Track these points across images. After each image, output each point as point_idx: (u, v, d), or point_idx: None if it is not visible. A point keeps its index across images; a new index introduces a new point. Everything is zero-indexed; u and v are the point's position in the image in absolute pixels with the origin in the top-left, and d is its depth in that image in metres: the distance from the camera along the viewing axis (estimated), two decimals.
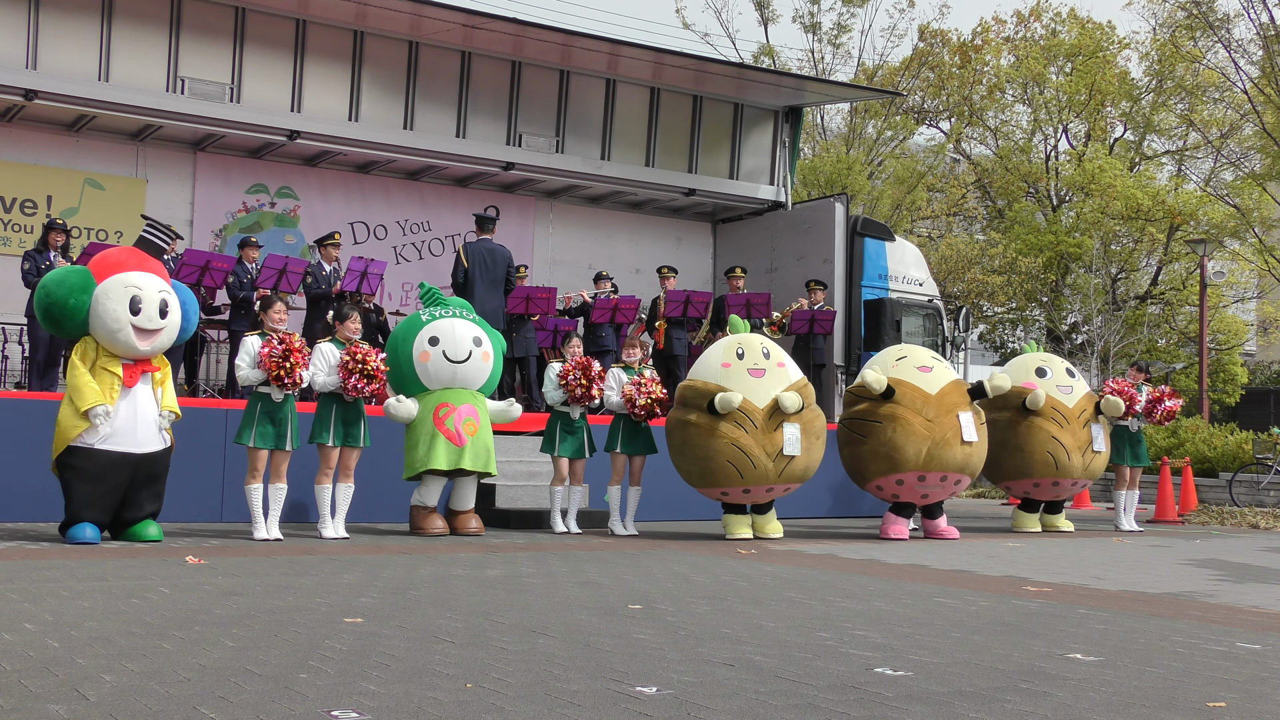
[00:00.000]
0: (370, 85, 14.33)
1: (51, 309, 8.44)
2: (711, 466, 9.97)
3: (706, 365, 10.40)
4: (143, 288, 8.46)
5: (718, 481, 10.05)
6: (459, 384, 9.98)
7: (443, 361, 9.91)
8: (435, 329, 10.02)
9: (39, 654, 4.19)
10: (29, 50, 12.44)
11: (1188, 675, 4.30)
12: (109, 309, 8.34)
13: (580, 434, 10.49)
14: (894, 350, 11.51)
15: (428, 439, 9.75)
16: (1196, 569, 8.54)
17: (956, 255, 29.33)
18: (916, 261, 16.63)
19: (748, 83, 16.80)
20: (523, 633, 4.88)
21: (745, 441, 9.87)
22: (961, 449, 10.60)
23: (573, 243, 16.57)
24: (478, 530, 10.10)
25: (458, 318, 10.17)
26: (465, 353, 9.96)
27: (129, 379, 8.45)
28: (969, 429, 10.66)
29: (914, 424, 10.51)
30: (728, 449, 9.88)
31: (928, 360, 11.05)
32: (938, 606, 6.07)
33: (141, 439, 8.45)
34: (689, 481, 10.43)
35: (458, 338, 9.98)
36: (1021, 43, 31.23)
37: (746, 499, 10.23)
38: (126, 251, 8.88)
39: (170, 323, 8.60)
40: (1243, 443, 18.02)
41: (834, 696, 3.80)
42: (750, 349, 10.29)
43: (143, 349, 8.46)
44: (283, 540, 8.94)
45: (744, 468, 9.88)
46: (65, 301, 8.39)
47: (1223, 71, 27.33)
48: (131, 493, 8.52)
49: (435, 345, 9.93)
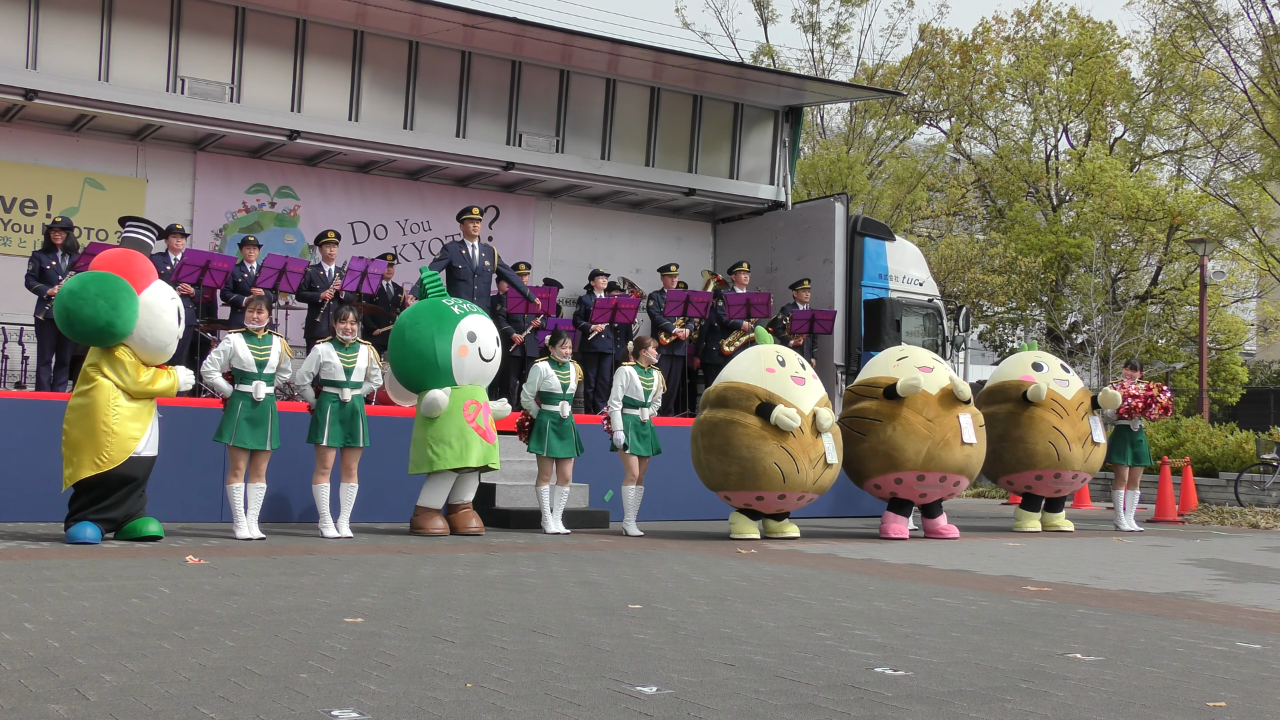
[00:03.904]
0: (370, 85, 14.33)
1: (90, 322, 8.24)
2: (758, 469, 9.92)
3: (746, 369, 10.37)
4: (176, 299, 8.78)
5: (760, 485, 9.99)
6: (479, 381, 10.17)
7: (478, 359, 10.07)
8: (472, 325, 10.14)
9: (39, 654, 4.19)
10: (29, 50, 12.43)
11: (1188, 675, 4.30)
12: (166, 322, 8.53)
13: (570, 433, 10.48)
14: (894, 351, 11.53)
15: (459, 435, 9.79)
16: (1196, 569, 8.54)
17: (956, 255, 29.32)
18: (916, 261, 16.63)
19: (748, 82, 16.80)
20: (523, 633, 4.88)
21: (793, 446, 9.92)
22: (961, 450, 10.61)
23: (573, 243, 16.56)
24: (478, 529, 10.10)
25: (482, 314, 10.42)
26: (493, 352, 10.22)
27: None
28: (968, 430, 10.68)
29: (915, 424, 10.52)
30: (777, 451, 9.88)
31: (928, 360, 11.07)
32: (938, 606, 6.07)
33: (153, 442, 8.65)
34: (724, 484, 10.24)
35: (489, 337, 10.22)
36: (1021, 42, 31.21)
37: (780, 505, 10.21)
38: (125, 253, 8.91)
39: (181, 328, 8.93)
40: (1243, 442, 18.02)
41: (834, 696, 3.80)
42: (789, 359, 10.48)
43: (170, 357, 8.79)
44: (265, 539, 8.96)
45: (789, 473, 9.90)
46: (113, 321, 8.24)
47: (1222, 71, 27.32)
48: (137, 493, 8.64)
49: (473, 342, 10.06)
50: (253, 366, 9.04)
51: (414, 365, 10.10)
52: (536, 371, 10.53)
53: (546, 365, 10.51)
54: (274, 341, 9.24)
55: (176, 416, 10.14)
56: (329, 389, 9.46)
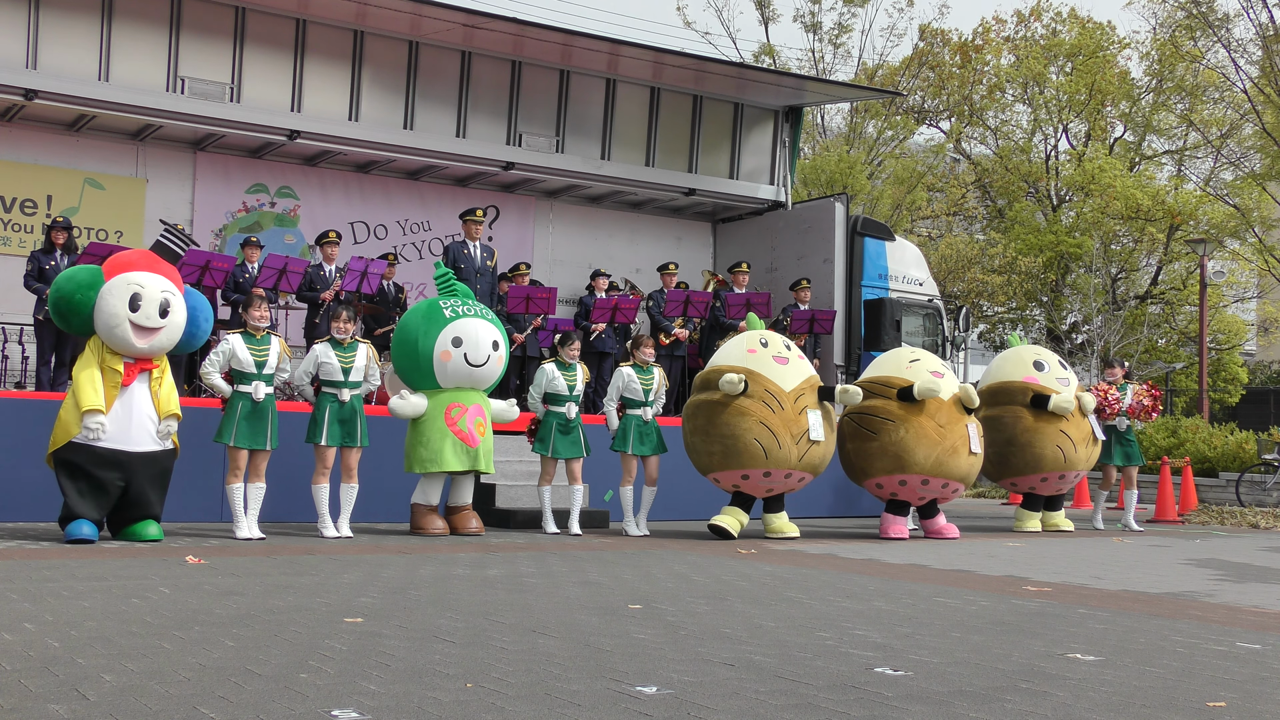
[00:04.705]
0: (370, 85, 14.33)
1: (60, 304, 8.61)
2: (738, 445, 10.00)
3: (729, 352, 10.55)
4: (145, 286, 8.54)
5: (742, 462, 10.06)
6: (469, 384, 10.03)
7: (463, 364, 9.93)
8: (459, 329, 9.97)
9: (39, 654, 4.19)
10: (29, 50, 12.43)
11: (1188, 675, 4.30)
12: (110, 304, 8.45)
13: (576, 434, 10.46)
14: (906, 352, 11.49)
15: (439, 438, 9.76)
16: (1196, 569, 8.54)
17: (956, 255, 29.32)
18: (916, 261, 16.63)
19: (748, 82, 16.79)
20: (523, 633, 4.88)
21: (773, 422, 9.99)
22: (967, 459, 10.66)
23: (573, 243, 16.56)
24: (478, 530, 10.10)
25: (478, 317, 10.17)
26: (485, 357, 9.99)
27: (126, 378, 8.50)
28: (975, 440, 10.71)
29: (927, 428, 10.50)
30: (756, 428, 9.96)
31: (939, 367, 11.10)
32: (938, 606, 6.07)
33: (135, 438, 8.47)
34: (709, 465, 10.33)
35: (480, 341, 10.00)
36: (1022, 42, 31.22)
37: (766, 483, 10.22)
38: (139, 253, 9.00)
39: (171, 323, 8.63)
40: (1243, 443, 18.02)
41: (834, 696, 3.80)
42: (773, 340, 10.60)
43: (140, 346, 8.50)
44: (265, 539, 8.96)
45: (770, 448, 9.96)
46: (73, 297, 8.53)
47: (1222, 71, 27.32)
48: (132, 492, 8.53)
49: (458, 347, 9.92)
50: (252, 367, 9.03)
51: (405, 365, 10.17)
52: (543, 373, 10.50)
53: (553, 366, 10.47)
54: (272, 342, 9.24)
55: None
56: (327, 389, 9.46)
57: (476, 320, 10.12)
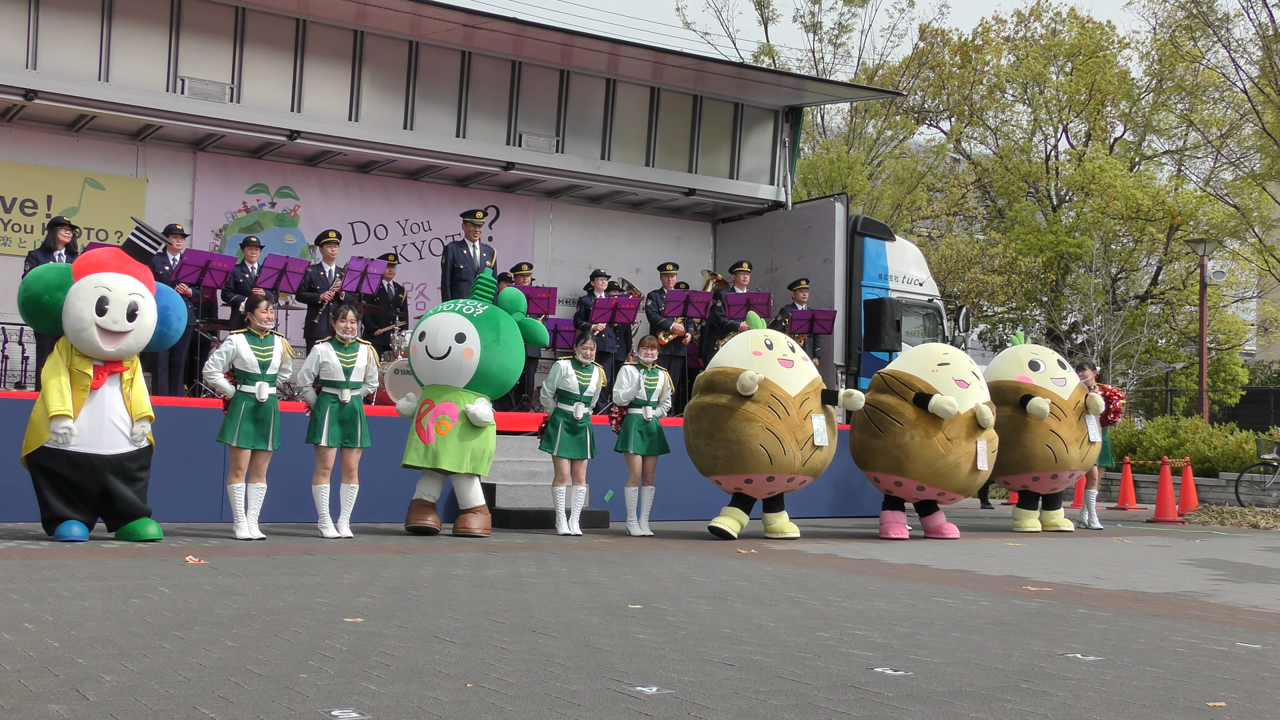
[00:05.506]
0: (370, 85, 14.33)
1: (28, 304, 8.50)
2: (743, 451, 9.94)
3: (733, 354, 10.39)
4: (112, 289, 8.39)
5: (746, 467, 10.01)
6: (441, 380, 9.96)
7: (425, 357, 9.97)
8: (426, 324, 10.09)
9: (39, 654, 4.19)
10: (29, 50, 12.43)
11: (1188, 675, 4.30)
12: (76, 308, 8.33)
13: (584, 434, 10.43)
14: (936, 351, 11.25)
15: (410, 435, 9.94)
16: (1196, 569, 8.54)
17: (956, 255, 29.32)
18: (916, 261, 16.63)
19: (748, 82, 16.79)
20: (523, 633, 4.88)
21: (779, 427, 9.91)
22: (970, 475, 10.63)
23: (573, 243, 16.56)
24: (479, 531, 10.08)
25: (453, 312, 10.10)
26: (443, 349, 9.88)
27: (96, 380, 8.41)
28: (983, 458, 10.62)
29: (934, 440, 10.44)
30: (762, 433, 9.89)
31: (967, 375, 10.83)
32: (938, 606, 6.07)
33: (106, 440, 8.41)
34: (713, 468, 10.28)
35: (439, 334, 9.93)
36: (1021, 42, 31.21)
37: (769, 487, 10.19)
38: (110, 252, 8.83)
39: (140, 326, 8.50)
40: (1243, 442, 18.02)
41: (834, 696, 3.80)
42: (778, 342, 10.46)
43: (107, 350, 8.39)
44: (265, 539, 8.96)
45: (775, 454, 9.90)
46: (40, 298, 8.44)
47: (1222, 71, 27.31)
48: (110, 494, 8.45)
49: (422, 340, 10.01)
50: (256, 367, 9.01)
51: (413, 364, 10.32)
52: (556, 369, 10.47)
53: (568, 364, 10.44)
54: (276, 342, 9.22)
55: (176, 416, 10.15)
56: (328, 389, 9.45)
57: (448, 315, 10.07)
